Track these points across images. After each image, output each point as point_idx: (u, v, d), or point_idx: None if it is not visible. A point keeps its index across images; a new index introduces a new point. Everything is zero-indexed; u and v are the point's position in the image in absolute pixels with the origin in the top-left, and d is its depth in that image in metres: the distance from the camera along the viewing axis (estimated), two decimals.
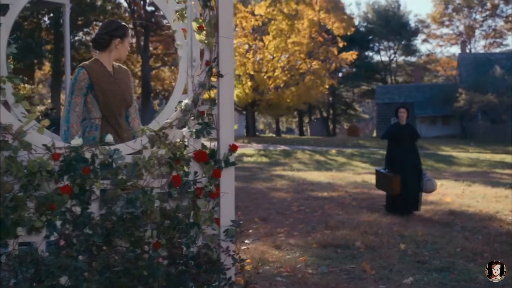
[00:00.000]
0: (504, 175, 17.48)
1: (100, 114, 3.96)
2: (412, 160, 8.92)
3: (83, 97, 3.92)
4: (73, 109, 3.86)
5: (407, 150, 9.01)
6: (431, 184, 8.76)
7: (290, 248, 6.32)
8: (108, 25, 4.03)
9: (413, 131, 9.41)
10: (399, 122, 9.21)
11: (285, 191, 11.92)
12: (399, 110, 9.26)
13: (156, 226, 3.20)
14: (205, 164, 3.36)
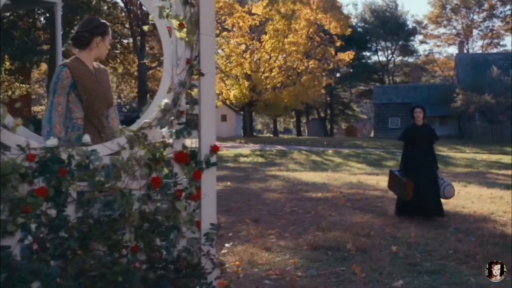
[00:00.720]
0: (500, 175, 17.41)
1: (82, 114, 3.87)
2: (428, 163, 8.48)
3: (66, 96, 3.82)
4: (56, 109, 3.77)
5: (424, 152, 8.55)
6: (450, 190, 8.39)
7: (280, 250, 6.23)
8: (89, 22, 3.96)
9: (431, 132, 8.86)
10: (415, 122, 8.70)
11: (279, 192, 11.81)
12: (414, 110, 8.73)
13: (135, 229, 3.11)
14: (186, 165, 3.27)
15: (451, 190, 8.42)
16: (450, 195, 8.44)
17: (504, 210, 9.19)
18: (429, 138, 8.72)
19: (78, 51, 3.94)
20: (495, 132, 40.40)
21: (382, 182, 14.03)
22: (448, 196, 8.43)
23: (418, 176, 8.26)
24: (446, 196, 8.38)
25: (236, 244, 6.47)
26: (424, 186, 8.24)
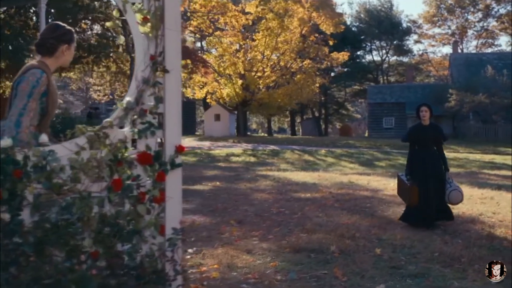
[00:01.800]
0: (492, 175, 17.31)
1: (36, 122, 3.59)
2: (435, 166, 7.83)
3: (37, 102, 3.61)
4: (28, 114, 3.49)
5: (430, 154, 7.90)
6: (456, 195, 7.73)
7: (262, 253, 6.08)
8: (55, 29, 3.73)
9: (438, 133, 8.11)
10: (421, 122, 8.05)
11: (267, 192, 11.67)
12: (420, 109, 8.04)
13: (95, 234, 2.95)
14: (150, 166, 3.12)
15: (458, 196, 7.74)
16: (456, 201, 7.78)
17: (493, 211, 9.07)
18: (436, 139, 8.04)
19: (42, 57, 3.71)
20: (489, 132, 40.37)
21: (373, 182, 13.93)
22: (454, 202, 7.78)
23: (424, 180, 7.68)
24: (451, 202, 7.76)
25: (217, 246, 6.32)
26: (429, 191, 7.64)
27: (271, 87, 40.37)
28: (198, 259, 5.73)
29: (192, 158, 23.32)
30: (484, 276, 5.13)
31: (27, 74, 3.47)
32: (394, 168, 19.54)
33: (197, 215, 8.61)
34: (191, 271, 5.28)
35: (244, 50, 39.43)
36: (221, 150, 27.21)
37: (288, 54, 39.24)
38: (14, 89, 3.54)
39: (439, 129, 8.29)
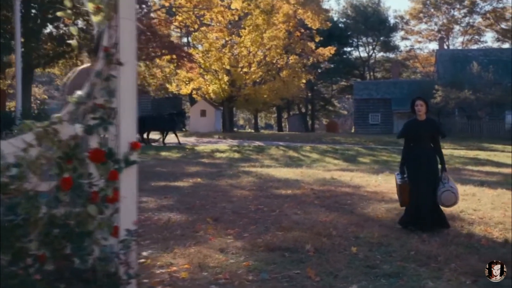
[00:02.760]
0: (475, 172, 17.28)
1: None
2: (431, 164, 7.30)
3: None
4: None
5: (426, 152, 7.34)
6: (448, 197, 7.10)
7: (235, 252, 5.94)
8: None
9: (435, 128, 7.57)
10: (416, 117, 7.48)
11: (248, 189, 11.52)
12: (415, 103, 7.46)
13: (43, 235, 2.78)
14: (102, 164, 2.95)
15: (450, 197, 7.11)
16: (449, 202, 7.16)
17: (474, 208, 8.99)
18: (433, 135, 7.46)
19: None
20: (474, 128, 40.53)
21: (356, 178, 13.82)
22: (446, 204, 7.18)
23: (417, 179, 7.22)
24: (443, 204, 7.16)
25: (190, 244, 6.16)
26: (423, 191, 7.16)
27: (257, 83, 40.19)
28: (169, 259, 5.57)
29: (176, 154, 23.10)
30: (459, 276, 5.04)
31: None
32: (378, 164, 19.47)
33: (174, 212, 8.44)
34: (160, 271, 5.14)
35: (230, 45, 39.21)
36: (206, 146, 27.04)
37: (274, 49, 39.07)
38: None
39: (436, 124, 7.80)
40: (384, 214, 8.34)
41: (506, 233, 6.93)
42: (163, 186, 11.93)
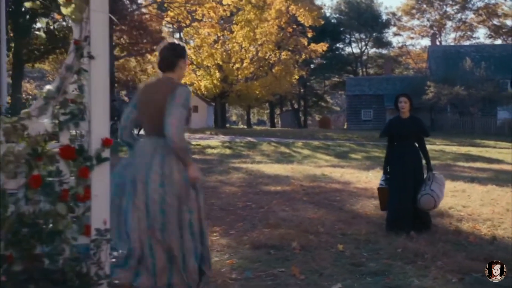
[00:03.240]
0: (466, 168, 17.26)
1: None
2: (414, 164, 6.87)
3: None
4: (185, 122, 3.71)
5: (410, 151, 6.92)
6: (427, 200, 6.64)
7: (220, 249, 5.85)
8: (174, 47, 3.99)
9: (418, 127, 7.11)
10: (400, 115, 7.07)
11: (237, 185, 11.45)
12: (399, 100, 7.06)
13: (11, 235, 2.69)
14: (73, 161, 2.86)
15: (429, 201, 6.64)
16: (427, 206, 6.71)
17: (463, 204, 8.95)
18: (416, 134, 7.05)
19: (164, 73, 3.93)
20: (466, 124, 40.61)
21: (346, 175, 13.77)
22: (424, 207, 6.71)
23: (400, 180, 6.82)
24: (422, 207, 6.70)
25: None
26: (405, 193, 6.76)
27: (249, 79, 40.08)
28: None
29: None
30: (446, 273, 4.97)
31: (179, 89, 3.67)
32: (370, 160, 19.44)
33: None
34: None
35: (222, 41, 39.06)
36: (197, 142, 26.92)
37: (266, 45, 38.96)
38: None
39: (420, 122, 7.24)
40: (373, 211, 8.27)
41: (494, 230, 6.88)
42: None
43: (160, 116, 3.61)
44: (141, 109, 3.86)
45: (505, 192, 10.83)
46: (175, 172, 3.61)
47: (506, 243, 6.18)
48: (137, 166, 3.66)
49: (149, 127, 3.81)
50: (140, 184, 3.58)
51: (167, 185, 3.58)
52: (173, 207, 3.62)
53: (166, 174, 3.59)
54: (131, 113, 3.96)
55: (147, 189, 3.56)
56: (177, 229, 3.67)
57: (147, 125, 3.81)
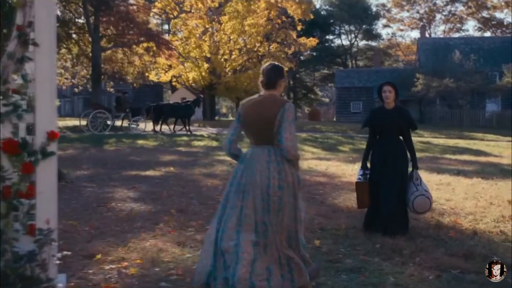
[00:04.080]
0: (453, 161, 17.16)
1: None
2: (397, 159, 6.23)
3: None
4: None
5: (394, 145, 6.29)
6: (423, 202, 6.11)
7: (194, 245, 5.68)
8: (278, 69, 4.46)
9: (404, 118, 6.40)
10: (384, 105, 6.45)
11: (219, 178, 11.26)
12: (383, 89, 6.40)
13: None
14: (16, 156, 2.67)
15: (425, 203, 6.12)
16: (423, 209, 6.19)
17: (447, 198, 8.84)
18: (402, 126, 6.37)
19: (267, 90, 4.38)
20: (454, 116, 40.57)
21: (332, 167, 13.63)
22: (419, 211, 6.21)
23: (381, 176, 6.24)
24: (416, 210, 6.16)
25: (147, 238, 5.89)
26: (385, 191, 6.15)
27: (238, 71, 39.81)
28: (122, 253, 5.31)
29: (153, 142, 22.75)
30: (423, 270, 4.84)
31: (287, 105, 4.20)
32: (357, 153, 19.26)
33: (139, 203, 8.17)
34: (109, 267, 4.87)
35: (210, 33, 38.74)
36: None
37: (255, 37, 38.68)
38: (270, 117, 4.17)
39: (406, 114, 6.52)
40: (355, 205, 8.06)
41: (476, 224, 6.76)
42: (133, 176, 11.63)
43: (270, 128, 4.16)
44: (249, 122, 4.29)
45: (490, 185, 10.75)
46: (289, 176, 4.16)
47: (487, 238, 6.06)
48: (255, 172, 4.15)
49: (258, 139, 4.26)
50: (259, 189, 4.11)
51: (285, 188, 4.12)
52: (290, 204, 4.16)
53: (282, 178, 4.12)
54: (238, 128, 4.39)
55: (268, 191, 4.10)
56: (293, 223, 4.21)
57: (257, 136, 4.28)
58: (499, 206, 8.05)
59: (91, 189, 9.62)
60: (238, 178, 4.25)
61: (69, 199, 8.47)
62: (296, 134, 4.23)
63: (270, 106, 4.22)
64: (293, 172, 4.20)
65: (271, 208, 4.08)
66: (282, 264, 4.06)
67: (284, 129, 4.10)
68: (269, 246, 4.07)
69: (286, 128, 4.11)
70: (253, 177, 4.13)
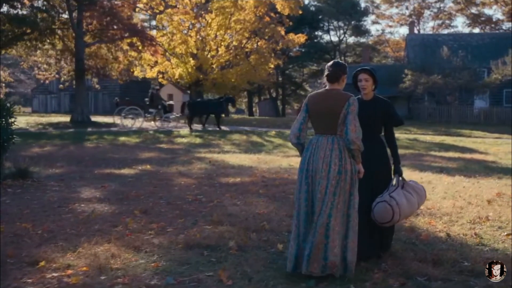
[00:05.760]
0: (438, 158, 16.92)
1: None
2: (375, 160, 5.16)
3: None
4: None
5: (372, 144, 5.16)
6: (382, 210, 4.94)
7: (150, 250, 5.35)
8: (341, 64, 4.88)
9: (384, 112, 5.33)
10: (361, 96, 5.39)
11: (195, 177, 10.94)
12: (358, 77, 5.39)
13: None
14: None
15: (385, 212, 4.93)
16: (381, 218, 4.96)
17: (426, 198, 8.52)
18: (381, 120, 5.35)
19: (331, 84, 4.78)
20: (442, 113, 40.38)
21: None
22: (379, 220, 4.99)
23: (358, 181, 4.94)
24: (376, 219, 5.00)
25: (101, 242, 5.55)
26: (363, 196, 4.88)
27: (225, 67, 39.41)
28: (70, 259, 4.97)
29: (135, 139, 22.41)
30: (388, 277, 4.54)
31: (351, 100, 4.61)
32: None
33: (103, 203, 7.84)
34: (51, 275, 4.53)
35: (197, 29, 38.29)
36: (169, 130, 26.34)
37: (242, 33, 38.27)
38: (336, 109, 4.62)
39: (386, 106, 5.39)
40: None
41: (451, 226, 6.47)
42: (106, 174, 11.30)
43: (335, 119, 4.61)
44: (316, 113, 4.71)
45: (471, 183, 10.50)
46: (348, 164, 4.57)
47: (460, 241, 5.76)
48: (318, 159, 4.58)
49: (323, 128, 4.68)
50: (321, 172, 4.53)
51: (343, 173, 4.53)
52: (345, 190, 4.55)
53: (342, 164, 4.54)
54: (306, 117, 4.76)
55: (328, 176, 4.51)
56: (345, 209, 4.59)
57: (322, 126, 4.69)
58: (478, 206, 7.76)
59: (58, 188, 9.28)
60: (306, 165, 4.65)
61: (30, 199, 8.12)
62: (359, 128, 4.56)
63: (336, 99, 4.63)
64: (352, 161, 4.59)
65: (329, 191, 4.48)
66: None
67: (350, 121, 4.54)
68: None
69: (351, 120, 4.55)
70: (317, 163, 4.56)
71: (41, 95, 57.04)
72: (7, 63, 62.41)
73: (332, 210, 4.48)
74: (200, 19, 38.41)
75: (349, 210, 4.59)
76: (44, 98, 56.96)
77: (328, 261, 4.45)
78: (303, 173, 4.66)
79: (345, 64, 4.91)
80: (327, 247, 4.45)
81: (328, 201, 4.49)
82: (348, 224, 4.59)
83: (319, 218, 4.48)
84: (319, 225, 4.47)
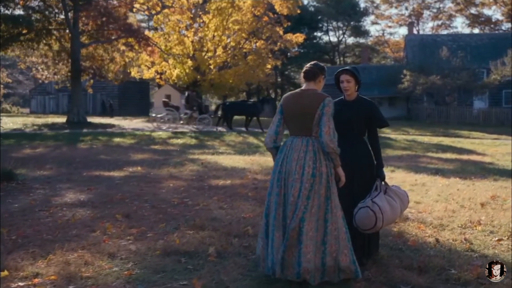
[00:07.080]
0: (434, 159, 16.73)
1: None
2: (352, 167, 4.81)
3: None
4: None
5: (354, 147, 5.00)
6: (364, 216, 4.71)
7: (125, 257, 5.13)
8: (317, 63, 4.73)
9: (367, 113, 5.09)
10: (344, 97, 5.23)
11: (184, 179, 10.73)
12: (340, 78, 5.16)
13: None
14: None
15: (368, 219, 4.69)
16: (363, 225, 4.73)
17: (417, 200, 8.34)
18: (364, 122, 5.11)
19: (307, 82, 4.61)
20: (441, 113, 40.15)
21: None
22: (361, 226, 4.75)
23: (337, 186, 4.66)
24: (358, 226, 4.76)
25: (75, 248, 5.34)
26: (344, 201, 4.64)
27: (223, 68, 39.18)
28: (39, 267, 4.75)
29: (130, 140, 22.23)
30: (371, 286, 4.32)
31: (326, 101, 4.44)
32: None
33: (85, 207, 7.61)
34: (17, 284, 4.32)
35: (194, 29, 38.06)
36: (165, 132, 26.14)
37: (239, 34, 38.04)
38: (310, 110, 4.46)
39: (370, 107, 5.15)
40: None
41: (441, 231, 6.24)
42: (94, 176, 11.09)
43: (309, 120, 4.44)
44: (291, 113, 4.53)
45: (466, 185, 10.29)
46: (324, 166, 4.39)
47: (448, 247, 5.52)
48: (292, 160, 4.40)
49: (298, 129, 4.51)
50: (295, 175, 4.35)
51: (317, 176, 4.34)
52: (320, 194, 4.35)
53: (317, 167, 4.36)
54: (281, 119, 4.59)
55: (302, 179, 4.32)
56: (321, 214, 4.37)
57: (296, 127, 4.52)
58: (470, 210, 7.55)
59: (42, 191, 9.07)
60: (279, 166, 4.48)
61: (12, 202, 7.91)
62: (334, 130, 4.38)
63: (311, 99, 4.46)
64: (328, 164, 4.40)
65: (302, 194, 4.29)
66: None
67: (324, 123, 4.36)
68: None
69: (325, 122, 4.37)
70: (291, 165, 4.38)
71: (39, 96, 56.84)
72: (6, 64, 62.21)
73: (305, 214, 4.28)
74: (198, 20, 38.19)
75: (326, 214, 4.35)
76: (42, 99, 56.75)
77: (301, 267, 4.23)
78: (276, 174, 4.50)
79: (324, 66, 4.74)
80: (300, 253, 4.24)
81: (301, 205, 4.28)
82: (326, 230, 4.34)
83: (292, 222, 4.27)
84: (291, 228, 4.26)
